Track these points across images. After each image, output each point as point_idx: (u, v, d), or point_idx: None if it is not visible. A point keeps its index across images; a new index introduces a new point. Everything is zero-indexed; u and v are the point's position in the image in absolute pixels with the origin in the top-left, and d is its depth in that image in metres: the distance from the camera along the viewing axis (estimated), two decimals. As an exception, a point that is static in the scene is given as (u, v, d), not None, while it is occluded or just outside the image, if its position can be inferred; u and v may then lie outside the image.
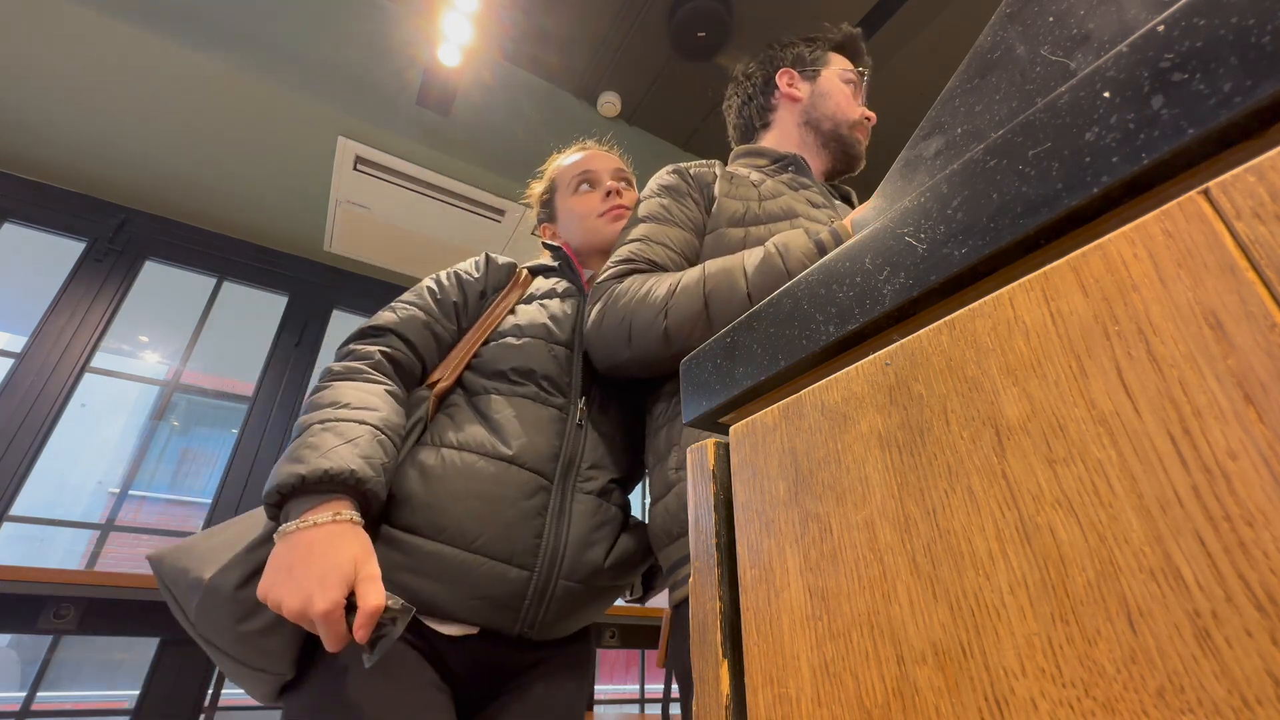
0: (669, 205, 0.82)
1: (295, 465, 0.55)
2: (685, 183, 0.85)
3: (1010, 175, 0.21)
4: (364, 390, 0.65)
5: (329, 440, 0.57)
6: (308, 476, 0.54)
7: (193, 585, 0.57)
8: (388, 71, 2.25)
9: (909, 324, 0.25)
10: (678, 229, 0.80)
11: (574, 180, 0.95)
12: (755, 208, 0.80)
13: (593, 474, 0.73)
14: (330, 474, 0.55)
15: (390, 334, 0.74)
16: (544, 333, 0.78)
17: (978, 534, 0.19)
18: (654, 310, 0.67)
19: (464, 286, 0.83)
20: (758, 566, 0.28)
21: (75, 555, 9.16)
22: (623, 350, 0.69)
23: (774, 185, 0.85)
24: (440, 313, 0.79)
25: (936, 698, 0.19)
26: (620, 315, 0.69)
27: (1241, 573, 0.14)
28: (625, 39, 2.43)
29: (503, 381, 0.74)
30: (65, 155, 2.27)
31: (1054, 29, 0.26)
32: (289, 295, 2.74)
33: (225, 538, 0.61)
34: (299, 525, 0.53)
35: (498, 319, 0.81)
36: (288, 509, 0.56)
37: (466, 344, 0.78)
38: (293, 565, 0.51)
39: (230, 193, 2.47)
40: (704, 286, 0.65)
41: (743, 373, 0.31)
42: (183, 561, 0.59)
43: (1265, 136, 0.16)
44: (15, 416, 2.05)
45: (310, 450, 0.56)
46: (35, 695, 1.83)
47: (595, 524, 0.70)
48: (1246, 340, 0.15)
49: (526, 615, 0.64)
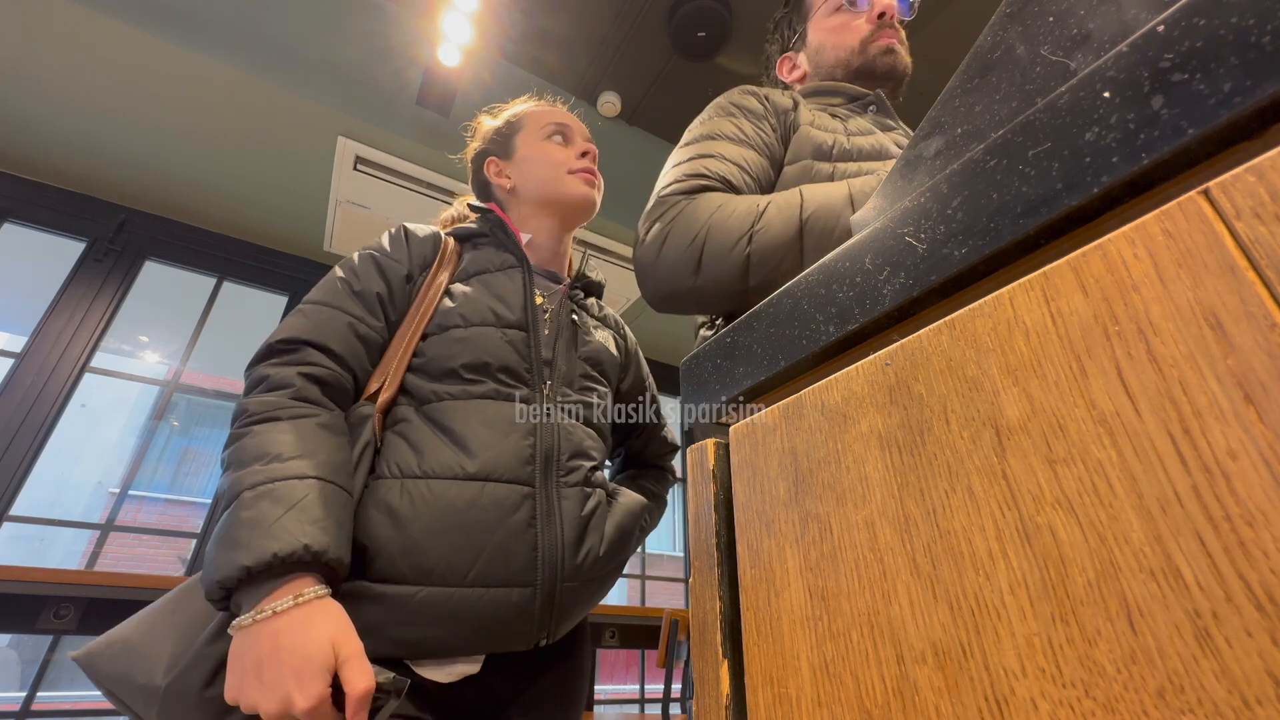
0: (745, 127, 0.71)
1: (235, 553, 0.47)
2: (763, 105, 0.75)
3: (1010, 175, 0.21)
4: (291, 432, 0.55)
5: (268, 511, 0.49)
6: (253, 567, 0.46)
7: (147, 692, 0.50)
8: (388, 71, 2.25)
9: (909, 324, 0.25)
10: (755, 153, 0.69)
11: (548, 126, 0.85)
12: (844, 141, 0.71)
13: (574, 464, 0.67)
14: (280, 557, 0.47)
15: (306, 347, 0.61)
16: (491, 317, 0.69)
17: (978, 534, 0.19)
18: (736, 233, 0.56)
19: (385, 272, 0.69)
20: (758, 566, 0.28)
21: (75, 555, 9.16)
22: (687, 277, 0.58)
23: (861, 123, 0.76)
24: (363, 309, 0.66)
25: (936, 698, 0.19)
26: (690, 235, 0.58)
27: (1241, 573, 0.14)
28: (625, 39, 2.43)
29: (454, 382, 0.65)
30: (65, 155, 2.27)
31: (1054, 29, 0.26)
32: (289, 295, 2.74)
33: (164, 628, 0.53)
34: (256, 617, 0.46)
35: (431, 305, 0.69)
36: (237, 599, 0.48)
37: (400, 342, 0.67)
38: (260, 663, 0.45)
39: (230, 193, 2.47)
40: (802, 211, 0.56)
41: (742, 373, 0.31)
42: (122, 665, 0.51)
43: (1265, 136, 0.16)
44: (15, 416, 2.05)
45: (249, 530, 0.48)
46: (35, 695, 1.83)
47: (585, 516, 0.65)
48: (1246, 340, 0.15)
49: (538, 628, 0.61)
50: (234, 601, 0.49)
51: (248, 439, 0.54)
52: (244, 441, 0.54)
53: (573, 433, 0.69)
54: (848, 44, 0.84)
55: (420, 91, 2.26)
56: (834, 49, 0.86)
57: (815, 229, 0.54)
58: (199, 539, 2.24)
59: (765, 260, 0.55)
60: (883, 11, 0.83)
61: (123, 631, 0.54)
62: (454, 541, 0.58)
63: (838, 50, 0.85)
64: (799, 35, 0.92)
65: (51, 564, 8.15)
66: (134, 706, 0.51)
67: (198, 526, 2.27)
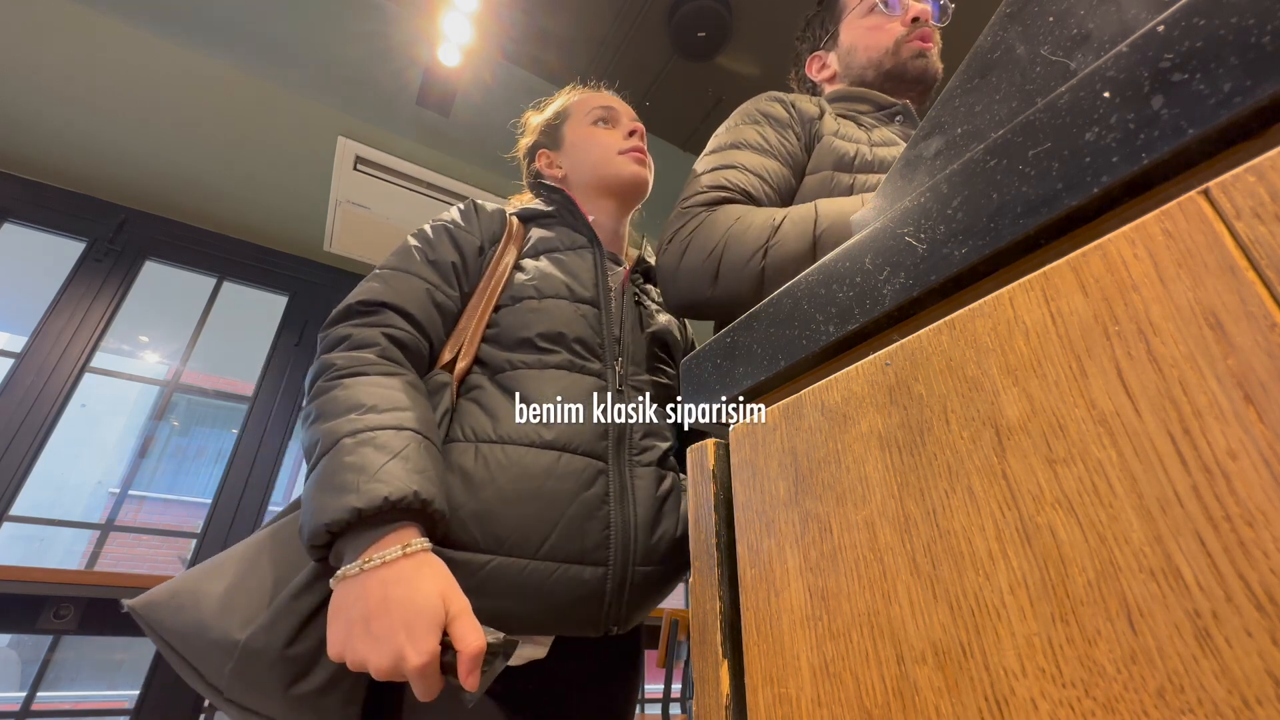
0: (769, 135, 0.72)
1: (343, 495, 0.46)
2: (789, 114, 0.75)
3: (1010, 175, 0.21)
4: (384, 386, 0.55)
5: (372, 457, 0.48)
6: (364, 509, 0.45)
7: (220, 647, 0.47)
8: (388, 71, 2.25)
9: (909, 324, 0.25)
10: (777, 163, 0.70)
11: (594, 112, 0.85)
12: (867, 153, 0.71)
13: (647, 444, 0.65)
14: (392, 501, 0.46)
15: (386, 309, 0.61)
16: (565, 291, 0.68)
17: (978, 534, 0.19)
18: (752, 247, 0.58)
19: (459, 243, 0.69)
20: (758, 566, 0.28)
21: (75, 555, 9.15)
22: (705, 288, 0.60)
23: (885, 133, 0.77)
24: (439, 277, 0.66)
25: (936, 698, 0.19)
26: (709, 248, 0.60)
27: (1241, 573, 0.14)
28: (625, 39, 2.43)
29: (529, 351, 0.64)
30: (65, 155, 2.27)
31: (1054, 29, 0.26)
32: (289, 295, 2.74)
33: (241, 580, 0.51)
34: (364, 566, 0.45)
35: (503, 278, 0.69)
36: (340, 548, 0.47)
37: (473, 313, 0.67)
38: (368, 615, 0.44)
39: (230, 193, 2.47)
40: (815, 227, 0.56)
41: (743, 373, 0.31)
42: (191, 615, 0.49)
43: (1265, 136, 0.16)
44: (15, 416, 2.05)
45: (355, 474, 0.47)
46: (35, 695, 1.83)
47: (660, 497, 0.63)
48: (1246, 340, 0.15)
49: (609, 613, 0.58)
50: (335, 551, 0.47)
51: (338, 391, 0.53)
52: (334, 394, 0.53)
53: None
54: (881, 45, 0.85)
55: (420, 91, 2.26)
56: (866, 50, 0.86)
57: (829, 244, 0.55)
58: (199, 539, 2.24)
59: (779, 274, 0.56)
60: (916, 16, 0.84)
61: (191, 582, 0.51)
62: (527, 510, 0.56)
63: (870, 51, 0.86)
64: (831, 35, 0.92)
65: (51, 564, 8.14)
66: (196, 663, 0.48)
67: (198, 526, 2.27)
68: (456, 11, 2.13)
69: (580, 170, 0.83)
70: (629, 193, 0.83)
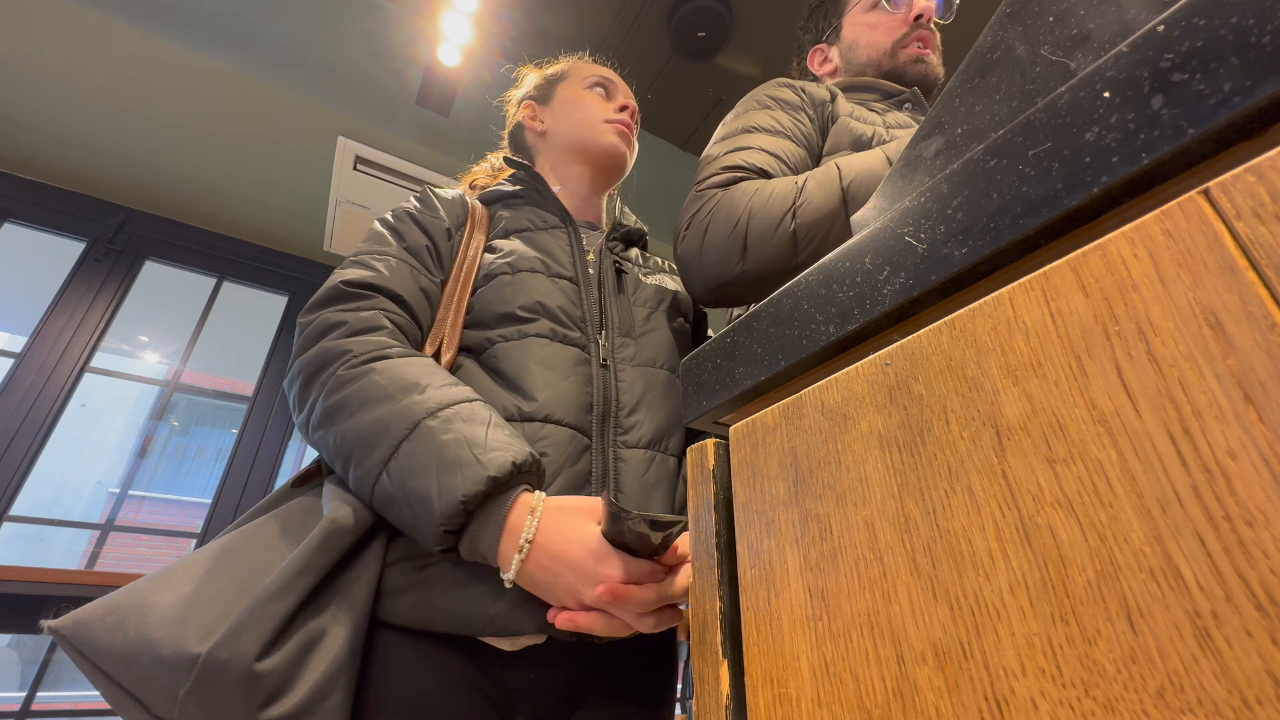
0: (781, 118, 0.72)
1: (466, 469, 0.45)
2: (800, 97, 0.75)
3: (1010, 175, 0.21)
4: (418, 365, 0.52)
5: (469, 430, 0.47)
6: (498, 476, 0.45)
7: (172, 666, 0.39)
8: (387, 71, 2.25)
9: (909, 324, 0.25)
10: (792, 144, 0.69)
11: (592, 78, 0.83)
12: (884, 133, 0.71)
13: (634, 422, 0.61)
14: (518, 465, 0.46)
15: (380, 293, 0.58)
16: (541, 267, 0.66)
17: (978, 534, 0.19)
18: (779, 211, 0.56)
19: (426, 227, 0.66)
20: (758, 566, 0.28)
21: (75, 555, 9.15)
22: (735, 263, 0.58)
23: (898, 116, 0.77)
24: (417, 261, 0.63)
25: (936, 698, 0.19)
26: (733, 221, 0.58)
27: (1241, 573, 0.14)
28: (625, 39, 2.43)
29: (509, 324, 0.61)
30: (65, 155, 2.27)
31: (1054, 29, 0.26)
32: (289, 295, 2.74)
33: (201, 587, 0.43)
34: (527, 538, 0.45)
35: (475, 263, 0.66)
36: (473, 533, 0.46)
37: (450, 302, 0.63)
38: (556, 570, 0.44)
39: (230, 193, 2.47)
40: (842, 179, 0.55)
41: (743, 373, 0.31)
42: (135, 631, 0.40)
43: (1265, 136, 0.16)
44: (15, 416, 2.05)
45: (467, 448, 0.46)
46: (35, 695, 1.83)
47: (649, 484, 0.59)
48: (1246, 340, 0.15)
49: None
50: (469, 535, 0.46)
51: (374, 377, 0.50)
52: (371, 379, 0.50)
53: (634, 386, 0.63)
54: (880, 44, 0.85)
55: (420, 91, 2.26)
56: (866, 47, 0.86)
57: (859, 195, 0.54)
58: (199, 539, 2.24)
59: (813, 232, 0.55)
60: (919, 14, 0.84)
61: (134, 595, 0.43)
62: None
63: (869, 49, 0.86)
64: (834, 29, 0.91)
65: (51, 564, 8.14)
66: (137, 690, 0.39)
67: (198, 527, 2.27)
68: (456, 11, 2.13)
69: (561, 129, 0.81)
70: (604, 163, 0.80)
